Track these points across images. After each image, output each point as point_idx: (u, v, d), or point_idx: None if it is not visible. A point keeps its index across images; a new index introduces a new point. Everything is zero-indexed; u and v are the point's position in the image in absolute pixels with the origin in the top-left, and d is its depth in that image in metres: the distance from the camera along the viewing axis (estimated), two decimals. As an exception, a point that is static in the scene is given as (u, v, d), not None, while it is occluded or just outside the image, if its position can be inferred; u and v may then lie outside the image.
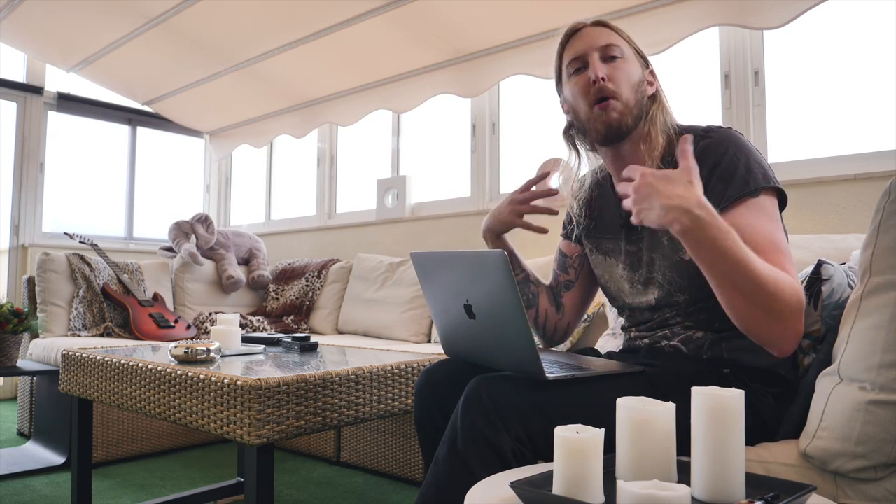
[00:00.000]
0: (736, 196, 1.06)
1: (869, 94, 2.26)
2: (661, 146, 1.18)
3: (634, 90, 1.19)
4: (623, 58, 1.20)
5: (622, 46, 1.21)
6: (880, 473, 0.90)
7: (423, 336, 2.96)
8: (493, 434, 0.94)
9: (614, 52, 1.19)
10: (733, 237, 0.93)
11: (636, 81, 1.20)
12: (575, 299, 1.42)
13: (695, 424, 0.74)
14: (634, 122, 1.19)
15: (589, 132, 1.22)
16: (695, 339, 1.17)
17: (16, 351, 2.52)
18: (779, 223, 1.07)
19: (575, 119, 1.25)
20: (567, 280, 1.43)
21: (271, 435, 1.20)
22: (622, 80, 1.18)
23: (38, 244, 3.93)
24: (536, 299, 1.41)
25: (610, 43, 1.20)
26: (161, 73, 3.81)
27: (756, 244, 0.99)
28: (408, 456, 2.30)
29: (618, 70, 1.18)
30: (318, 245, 4.05)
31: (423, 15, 2.86)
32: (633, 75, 1.20)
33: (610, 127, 1.18)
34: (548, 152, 2.98)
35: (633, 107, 1.18)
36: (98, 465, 2.47)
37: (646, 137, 1.19)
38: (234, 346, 1.69)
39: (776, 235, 1.04)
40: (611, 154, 1.25)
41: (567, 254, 1.43)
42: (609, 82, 1.17)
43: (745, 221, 1.03)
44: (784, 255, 1.02)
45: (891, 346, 0.89)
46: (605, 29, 1.22)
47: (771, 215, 1.06)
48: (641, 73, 1.22)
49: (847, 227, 2.14)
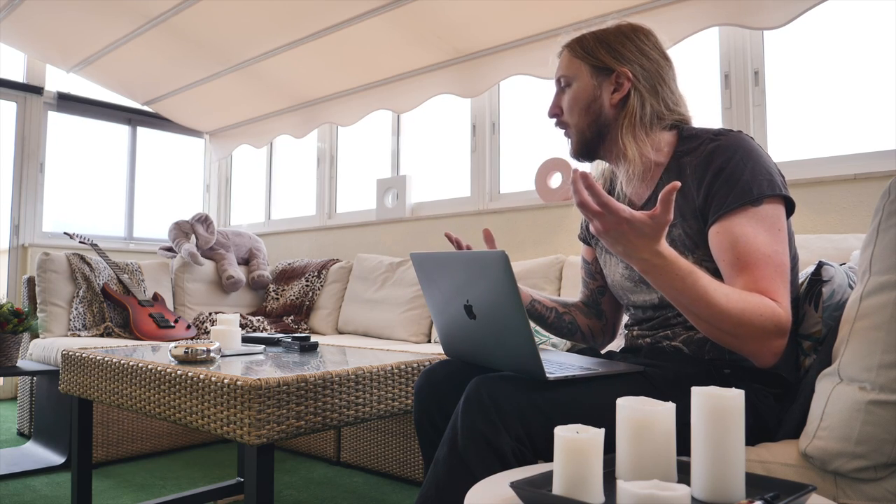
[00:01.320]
0: (737, 204, 1.06)
1: (869, 94, 2.26)
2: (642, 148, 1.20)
3: (584, 111, 1.24)
4: (570, 84, 1.25)
5: (573, 72, 1.25)
6: (880, 473, 0.90)
7: (423, 336, 2.96)
8: (493, 434, 0.95)
9: (566, 81, 1.27)
10: (693, 277, 0.98)
11: (585, 103, 1.24)
12: (613, 300, 1.43)
13: (695, 424, 0.74)
14: (596, 136, 1.25)
15: None
16: (696, 340, 1.17)
17: (16, 351, 2.52)
18: (779, 232, 1.06)
19: None
20: (599, 286, 1.44)
21: (271, 435, 1.20)
22: (570, 108, 1.26)
23: (38, 244, 3.94)
24: (576, 324, 1.42)
25: (563, 74, 1.27)
26: (161, 73, 3.81)
27: (746, 256, 1.03)
28: (408, 456, 2.30)
29: (567, 98, 1.26)
30: (318, 245, 4.05)
31: (423, 15, 2.86)
32: (581, 98, 1.24)
33: (576, 152, 1.29)
34: (548, 152, 2.99)
35: (587, 128, 1.25)
36: (98, 465, 2.47)
37: (622, 155, 1.22)
38: (234, 346, 1.69)
39: (770, 248, 1.04)
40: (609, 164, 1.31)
41: (589, 260, 1.46)
42: (559, 114, 1.29)
43: (741, 231, 1.04)
44: (773, 269, 1.03)
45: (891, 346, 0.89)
46: (566, 53, 1.27)
47: (771, 224, 1.06)
48: (593, 89, 1.23)
49: (847, 227, 2.14)
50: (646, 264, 0.97)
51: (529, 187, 3.07)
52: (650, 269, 0.98)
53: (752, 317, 0.98)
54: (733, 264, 1.05)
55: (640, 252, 0.96)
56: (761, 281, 1.01)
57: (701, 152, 1.15)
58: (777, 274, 1.03)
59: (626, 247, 0.96)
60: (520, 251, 3.00)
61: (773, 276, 1.02)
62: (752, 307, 0.98)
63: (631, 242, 0.95)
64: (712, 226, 1.09)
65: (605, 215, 0.93)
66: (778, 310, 1.00)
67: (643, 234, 0.94)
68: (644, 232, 0.94)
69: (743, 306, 0.98)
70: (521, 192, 3.16)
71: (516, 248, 3.01)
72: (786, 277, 1.05)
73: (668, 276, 0.98)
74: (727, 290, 0.99)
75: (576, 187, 0.93)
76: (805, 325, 1.16)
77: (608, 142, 1.24)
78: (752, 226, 1.05)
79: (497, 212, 3.14)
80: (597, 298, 1.45)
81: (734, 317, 0.98)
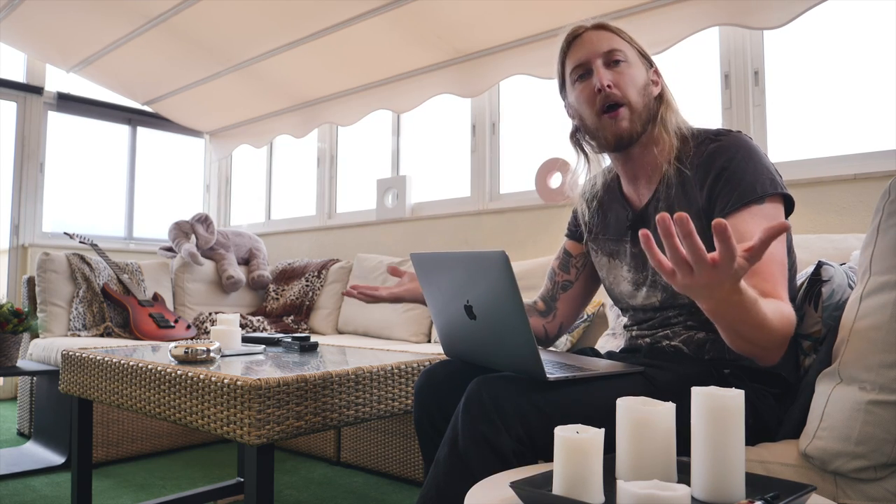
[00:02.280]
0: (741, 203, 1.06)
1: (869, 94, 2.26)
2: (674, 147, 1.18)
3: (641, 94, 1.18)
4: (627, 61, 1.19)
5: (625, 50, 1.19)
6: (880, 473, 0.90)
7: (423, 336, 2.96)
8: (493, 435, 0.95)
9: (618, 56, 1.18)
10: (758, 306, 0.89)
11: (642, 85, 1.19)
12: (571, 300, 1.42)
13: (695, 424, 0.74)
14: (643, 126, 1.18)
15: (597, 139, 1.22)
16: (696, 340, 1.17)
17: (16, 351, 2.52)
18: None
19: (581, 125, 1.25)
20: (566, 280, 1.42)
21: (271, 435, 1.20)
22: (628, 85, 1.17)
23: (38, 244, 3.93)
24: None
25: (612, 48, 1.18)
26: (161, 73, 3.81)
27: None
28: (408, 456, 2.30)
29: (622, 75, 1.17)
30: (318, 245, 4.05)
31: (423, 15, 2.86)
32: (639, 79, 1.19)
33: (620, 137, 1.18)
34: (548, 152, 2.99)
35: (642, 111, 1.18)
36: (98, 465, 2.47)
37: (656, 140, 1.20)
38: (234, 346, 1.69)
39: (775, 248, 1.04)
40: (621, 158, 1.25)
41: (572, 253, 1.43)
42: (615, 89, 1.16)
43: (746, 228, 1.04)
44: (776, 268, 1.03)
45: (891, 346, 0.89)
46: (607, 32, 1.21)
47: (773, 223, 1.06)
48: (646, 74, 1.21)
49: (847, 227, 2.14)
50: (723, 304, 0.86)
51: (529, 187, 3.07)
52: (726, 307, 0.87)
53: (784, 328, 0.96)
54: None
55: (721, 292, 0.83)
56: (767, 281, 1.01)
57: (702, 153, 1.15)
58: (780, 272, 1.04)
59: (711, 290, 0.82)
60: (520, 251, 3.00)
61: (777, 275, 1.03)
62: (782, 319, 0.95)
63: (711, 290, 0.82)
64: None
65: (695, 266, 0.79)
66: (792, 314, 1.00)
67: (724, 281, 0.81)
68: (724, 279, 0.80)
69: (779, 321, 0.95)
70: (521, 192, 3.16)
71: (516, 248, 3.01)
72: (786, 274, 1.06)
73: (740, 309, 0.88)
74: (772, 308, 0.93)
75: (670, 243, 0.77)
76: (805, 325, 1.16)
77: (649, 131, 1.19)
78: (756, 223, 1.05)
79: (497, 212, 3.14)
80: (556, 294, 1.43)
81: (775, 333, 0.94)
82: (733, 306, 0.87)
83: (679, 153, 1.19)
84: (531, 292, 2.65)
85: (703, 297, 0.86)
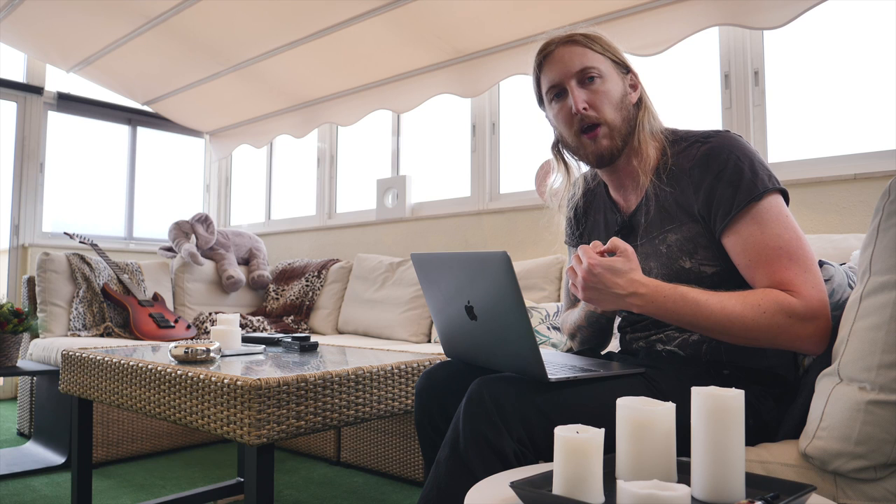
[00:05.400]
0: (745, 202, 1.06)
1: (869, 94, 2.26)
2: (654, 158, 1.18)
3: (618, 108, 1.17)
4: (602, 77, 1.17)
5: (598, 65, 1.17)
6: (880, 473, 0.90)
7: (423, 336, 2.96)
8: (494, 435, 0.94)
9: (591, 73, 1.16)
10: (680, 293, 1.02)
11: (618, 98, 1.18)
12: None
13: (695, 424, 0.74)
14: (624, 140, 1.19)
15: (579, 156, 1.24)
16: (692, 343, 1.16)
17: (16, 351, 2.52)
18: (786, 218, 1.06)
19: (562, 141, 1.27)
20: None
21: (271, 435, 1.20)
22: (603, 103, 1.16)
23: (38, 244, 3.94)
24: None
25: (584, 66, 1.16)
26: (161, 73, 3.81)
27: (757, 255, 1.04)
28: (408, 456, 2.30)
29: (597, 94, 1.16)
30: (318, 245, 4.05)
31: (422, 15, 2.86)
32: (614, 93, 1.17)
33: (601, 156, 1.19)
34: (548, 152, 2.98)
35: (621, 126, 1.18)
36: (98, 465, 2.47)
37: (637, 151, 1.20)
38: (234, 346, 1.69)
39: (783, 238, 1.04)
40: (607, 170, 1.26)
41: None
42: (591, 110, 1.16)
43: (748, 231, 1.05)
44: (786, 259, 1.03)
45: (891, 346, 0.89)
46: (578, 48, 1.17)
47: (777, 215, 1.06)
48: (622, 85, 1.20)
49: (847, 227, 2.14)
50: (639, 298, 1.02)
51: (529, 187, 3.07)
52: (645, 301, 1.02)
53: (755, 315, 0.99)
54: (749, 266, 1.06)
55: (629, 287, 1.01)
56: (776, 274, 1.02)
57: (692, 155, 1.14)
58: (791, 262, 1.03)
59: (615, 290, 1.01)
60: (519, 251, 3.00)
61: (786, 265, 1.02)
62: (760, 304, 1.00)
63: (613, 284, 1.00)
64: (724, 232, 1.09)
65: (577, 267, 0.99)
66: (785, 298, 1.00)
67: (620, 271, 0.99)
68: (619, 268, 0.99)
69: (741, 309, 1.00)
70: (521, 192, 3.16)
71: (516, 248, 3.01)
72: (800, 260, 1.03)
73: (660, 300, 1.02)
74: (722, 297, 1.01)
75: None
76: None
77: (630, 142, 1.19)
78: (757, 222, 1.05)
79: (497, 212, 3.14)
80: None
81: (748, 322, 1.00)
82: (652, 299, 1.02)
83: (664, 157, 1.18)
84: (531, 292, 2.67)
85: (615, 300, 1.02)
